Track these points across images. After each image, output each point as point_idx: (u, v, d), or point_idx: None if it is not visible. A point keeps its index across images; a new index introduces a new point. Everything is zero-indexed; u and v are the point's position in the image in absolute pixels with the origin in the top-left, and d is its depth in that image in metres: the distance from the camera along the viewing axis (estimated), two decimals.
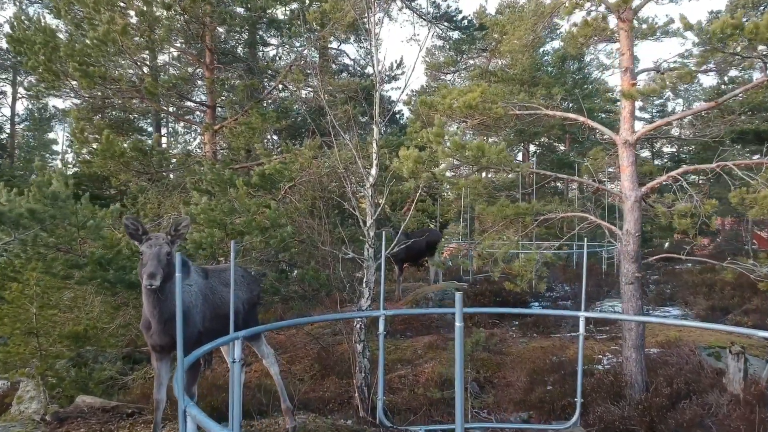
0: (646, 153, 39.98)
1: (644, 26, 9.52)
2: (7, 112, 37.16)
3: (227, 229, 9.67)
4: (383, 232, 8.09)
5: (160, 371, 6.89)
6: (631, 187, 9.19)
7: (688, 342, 11.58)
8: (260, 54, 17.91)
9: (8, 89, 36.81)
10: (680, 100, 44.89)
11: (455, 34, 28.00)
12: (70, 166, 17.52)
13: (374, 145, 10.17)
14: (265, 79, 16.94)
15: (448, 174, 18.52)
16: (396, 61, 24.06)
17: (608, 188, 9.67)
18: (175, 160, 12.86)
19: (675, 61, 10.83)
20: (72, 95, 12.19)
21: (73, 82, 12.04)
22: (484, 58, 36.34)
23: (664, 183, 9.48)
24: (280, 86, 13.69)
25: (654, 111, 44.24)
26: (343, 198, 10.78)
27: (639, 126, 9.65)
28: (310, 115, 13.94)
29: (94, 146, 11.14)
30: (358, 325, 10.14)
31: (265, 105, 13.89)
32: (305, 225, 10.61)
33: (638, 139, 9.27)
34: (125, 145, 10.98)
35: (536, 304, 18.50)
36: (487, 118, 9.50)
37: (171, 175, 12.40)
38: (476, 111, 9.19)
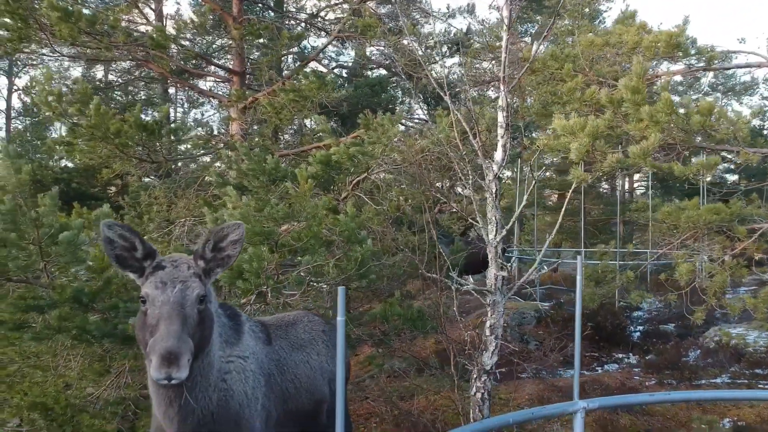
0: None
1: None
2: (1, 104, 34.04)
3: (277, 246, 6.17)
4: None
5: None
6: None
7: None
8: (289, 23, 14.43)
9: (3, 80, 33.71)
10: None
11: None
12: (57, 158, 14.11)
13: (500, 115, 6.65)
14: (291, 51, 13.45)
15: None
16: (461, 30, 20.31)
17: None
18: (188, 142, 9.29)
19: None
20: (48, 53, 8.71)
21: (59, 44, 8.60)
22: (524, 43, 32.90)
23: None
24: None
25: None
26: (446, 196, 7.32)
27: None
28: (371, 88, 10.40)
29: (78, 121, 7.65)
30: (477, 394, 6.62)
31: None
32: (390, 238, 7.12)
33: None
34: (122, 117, 7.49)
35: (636, 330, 14.98)
36: (687, 67, 5.99)
37: (192, 164, 8.90)
38: (681, 51, 5.68)
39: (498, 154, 6.57)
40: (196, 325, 2.83)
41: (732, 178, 27.56)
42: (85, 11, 8.60)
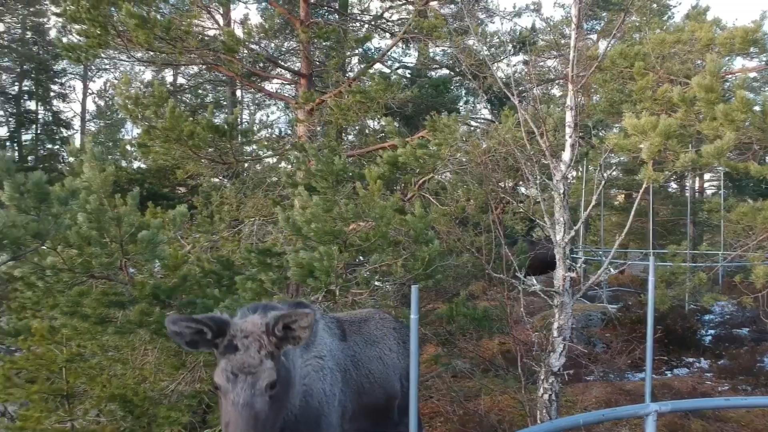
0: None
1: None
2: (77, 108, 35.61)
3: (345, 245, 6.28)
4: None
5: None
6: None
7: None
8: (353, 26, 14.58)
9: (79, 85, 35.14)
10: None
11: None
12: (132, 159, 14.58)
13: (568, 114, 6.60)
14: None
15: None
16: (525, 29, 20.07)
17: None
18: (257, 143, 9.53)
19: None
20: (124, 59, 9.07)
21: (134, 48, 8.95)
22: (590, 41, 32.22)
23: None
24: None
25: None
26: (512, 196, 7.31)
27: None
28: (434, 88, 10.43)
29: (153, 123, 7.95)
30: (545, 396, 6.59)
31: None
32: (454, 238, 7.14)
33: None
34: (194, 120, 7.75)
35: (707, 333, 14.52)
36: (766, 63, 5.82)
37: (258, 165, 9.13)
38: (758, 47, 5.53)
39: (566, 154, 6.51)
40: (269, 409, 2.84)
41: None
42: (159, 17, 8.93)
